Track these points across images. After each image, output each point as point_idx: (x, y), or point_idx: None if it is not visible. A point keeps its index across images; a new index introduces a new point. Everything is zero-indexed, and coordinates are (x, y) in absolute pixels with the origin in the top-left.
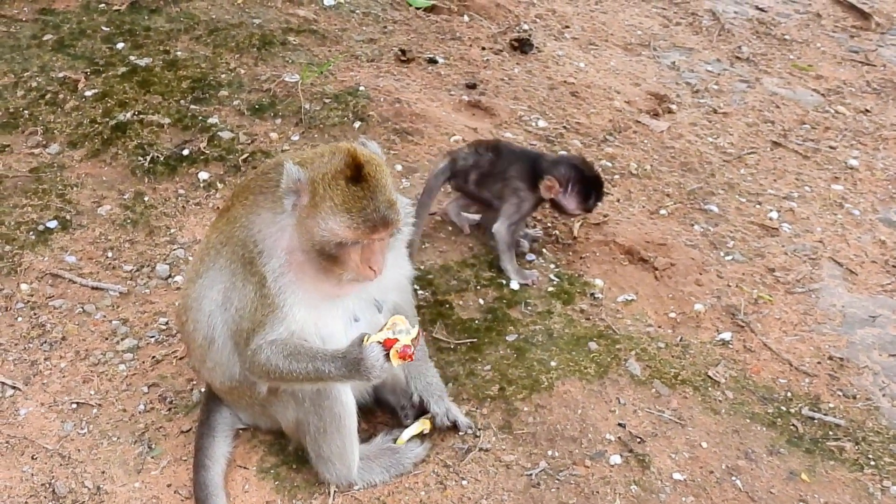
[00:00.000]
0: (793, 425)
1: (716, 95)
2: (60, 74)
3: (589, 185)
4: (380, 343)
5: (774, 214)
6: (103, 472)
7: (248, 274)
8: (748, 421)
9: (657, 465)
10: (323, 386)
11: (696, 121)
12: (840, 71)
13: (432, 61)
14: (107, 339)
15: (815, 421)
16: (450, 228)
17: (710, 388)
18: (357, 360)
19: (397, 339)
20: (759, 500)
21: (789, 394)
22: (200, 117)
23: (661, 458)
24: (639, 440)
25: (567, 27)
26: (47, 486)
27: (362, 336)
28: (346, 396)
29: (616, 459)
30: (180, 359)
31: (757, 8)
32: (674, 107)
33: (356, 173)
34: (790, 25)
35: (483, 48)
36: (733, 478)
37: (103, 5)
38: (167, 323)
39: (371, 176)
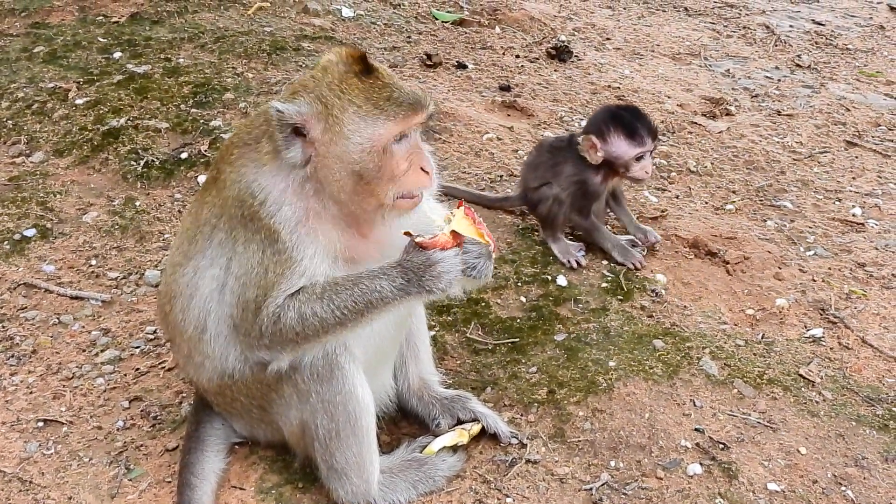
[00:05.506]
0: None
1: (777, 99)
2: (50, 85)
3: (627, 118)
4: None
5: (858, 210)
6: (70, 498)
7: (251, 233)
8: (854, 424)
9: (747, 475)
10: (374, 318)
11: (758, 122)
12: None
13: (461, 66)
14: (84, 350)
15: None
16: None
17: (803, 389)
18: (424, 265)
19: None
20: None
21: None
22: (202, 121)
23: (750, 466)
24: (722, 446)
25: (608, 39)
26: None
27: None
28: (362, 390)
29: (695, 469)
30: (169, 370)
31: (814, 22)
32: (732, 108)
33: (364, 66)
34: (852, 37)
35: (517, 56)
36: (843, 488)
37: (101, 18)
38: (155, 332)
39: (379, 67)
